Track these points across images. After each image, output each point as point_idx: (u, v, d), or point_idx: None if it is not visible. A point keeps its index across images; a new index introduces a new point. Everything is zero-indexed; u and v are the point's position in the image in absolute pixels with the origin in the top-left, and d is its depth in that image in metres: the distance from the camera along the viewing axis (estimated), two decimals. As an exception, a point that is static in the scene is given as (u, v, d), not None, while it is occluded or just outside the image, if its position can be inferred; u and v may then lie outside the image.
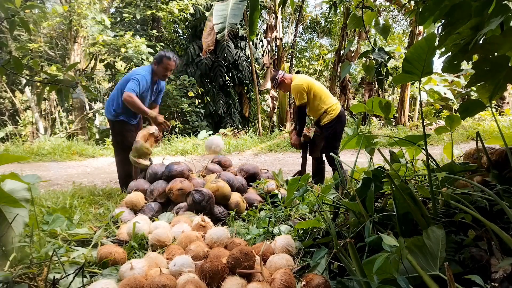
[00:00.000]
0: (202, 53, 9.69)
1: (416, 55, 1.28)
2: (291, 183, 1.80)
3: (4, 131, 10.15)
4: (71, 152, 7.79)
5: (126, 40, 9.45)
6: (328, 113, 3.73)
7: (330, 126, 3.72)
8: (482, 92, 1.53)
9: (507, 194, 1.38)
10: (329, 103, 3.76)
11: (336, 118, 3.71)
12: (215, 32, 7.81)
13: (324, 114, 3.74)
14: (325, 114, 3.74)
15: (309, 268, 1.65)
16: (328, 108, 3.73)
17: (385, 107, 1.83)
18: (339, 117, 3.72)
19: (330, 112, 3.73)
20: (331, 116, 3.71)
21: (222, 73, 11.73)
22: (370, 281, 1.08)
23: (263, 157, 7.57)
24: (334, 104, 3.77)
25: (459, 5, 1.45)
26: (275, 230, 2.10)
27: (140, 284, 1.46)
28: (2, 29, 8.88)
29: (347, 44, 11.31)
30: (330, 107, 3.74)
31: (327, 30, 16.84)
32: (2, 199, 1.43)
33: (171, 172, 2.98)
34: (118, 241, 2.16)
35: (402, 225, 1.38)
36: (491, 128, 8.90)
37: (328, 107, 3.74)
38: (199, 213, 2.52)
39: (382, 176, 1.49)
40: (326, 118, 3.74)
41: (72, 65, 2.72)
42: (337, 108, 3.75)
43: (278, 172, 3.55)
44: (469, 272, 1.11)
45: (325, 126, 3.76)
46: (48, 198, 3.13)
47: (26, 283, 1.40)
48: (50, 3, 11.23)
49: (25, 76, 3.05)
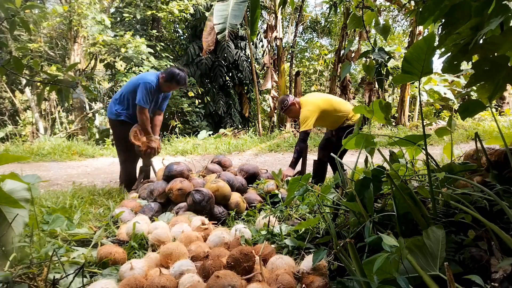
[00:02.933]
0: (202, 53, 9.69)
1: (415, 55, 1.28)
2: (292, 183, 1.80)
3: (4, 131, 10.14)
4: (71, 152, 7.79)
5: (126, 40, 9.45)
6: (349, 120, 3.66)
7: (345, 128, 3.60)
8: (482, 92, 1.53)
9: (507, 194, 1.38)
10: (347, 110, 3.66)
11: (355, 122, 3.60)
12: (215, 32, 7.81)
13: (346, 121, 3.66)
14: (347, 121, 3.65)
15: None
16: (349, 115, 3.66)
17: (385, 107, 1.83)
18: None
19: (350, 119, 3.65)
20: (353, 120, 3.63)
21: (222, 73, 11.73)
22: (370, 281, 1.08)
23: (263, 157, 7.57)
24: (351, 110, 3.67)
25: (459, 5, 1.45)
26: (275, 230, 2.10)
27: (140, 284, 1.46)
28: (2, 29, 8.88)
29: (347, 44, 11.31)
30: (350, 114, 3.65)
31: (327, 30, 16.84)
32: (2, 199, 1.43)
33: (171, 172, 2.98)
34: (118, 241, 2.15)
35: (402, 225, 1.38)
36: (491, 128, 8.90)
37: (349, 116, 3.66)
38: (199, 213, 2.52)
39: (382, 176, 1.49)
40: (347, 122, 3.65)
41: (72, 65, 2.72)
42: (355, 116, 3.67)
43: (278, 172, 3.55)
44: (469, 272, 1.11)
45: (343, 128, 3.63)
46: (48, 198, 3.13)
47: (26, 283, 1.40)
48: (50, 3, 11.25)
49: (25, 76, 3.06)
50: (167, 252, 1.76)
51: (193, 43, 11.53)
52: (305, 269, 1.58)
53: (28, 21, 1.72)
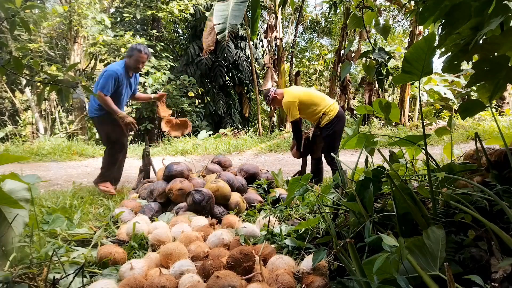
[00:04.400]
0: (202, 53, 9.68)
1: (415, 55, 1.28)
2: (292, 183, 1.80)
3: (4, 131, 10.14)
4: (71, 152, 7.79)
5: (126, 40, 9.45)
6: (326, 114, 3.75)
7: (329, 126, 3.74)
8: (482, 92, 1.53)
9: (507, 194, 1.38)
10: (325, 105, 3.78)
11: (335, 118, 3.73)
12: (215, 32, 7.81)
13: (323, 116, 3.76)
14: (324, 115, 3.76)
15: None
16: (326, 109, 3.76)
17: (385, 107, 1.83)
18: (337, 117, 3.75)
19: (328, 113, 3.75)
20: (329, 116, 3.74)
21: (222, 73, 11.72)
22: (370, 281, 1.08)
23: (263, 157, 7.57)
24: (331, 105, 3.79)
25: (459, 5, 1.45)
26: (275, 230, 2.10)
27: (140, 284, 1.46)
28: (2, 29, 8.88)
29: (347, 44, 11.32)
30: (327, 109, 3.76)
31: (327, 30, 16.83)
32: (2, 199, 1.43)
33: (171, 172, 2.98)
34: (118, 241, 2.15)
35: (402, 225, 1.38)
36: (491, 128, 8.89)
37: (325, 109, 3.76)
38: (199, 213, 2.52)
39: (382, 176, 1.49)
40: (325, 119, 3.76)
41: (73, 65, 2.71)
42: (335, 109, 3.78)
43: (278, 172, 3.55)
44: (469, 272, 1.11)
45: (324, 126, 3.78)
46: (48, 198, 3.13)
47: (26, 283, 1.40)
48: (50, 3, 11.24)
49: (25, 76, 3.06)
50: (167, 252, 1.76)
51: (193, 43, 11.52)
52: (305, 269, 1.58)
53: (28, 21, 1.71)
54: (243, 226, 2.18)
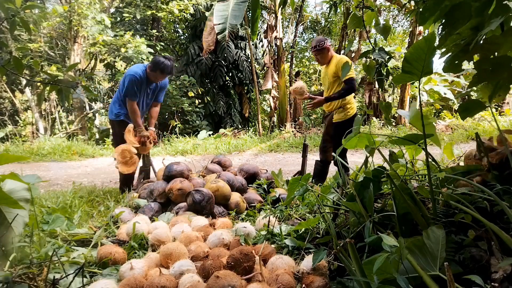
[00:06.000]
0: (202, 53, 9.68)
1: (415, 55, 1.28)
2: (292, 183, 1.80)
3: (4, 131, 10.14)
4: (71, 152, 7.79)
5: (126, 40, 9.44)
6: (345, 110, 3.41)
7: (341, 125, 3.41)
8: (485, 92, 1.53)
9: (507, 194, 1.38)
10: (350, 98, 3.40)
11: (351, 118, 3.40)
12: (215, 32, 7.81)
13: (341, 110, 3.43)
14: (341, 109, 3.42)
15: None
16: (347, 104, 3.41)
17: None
18: (353, 118, 3.39)
19: (347, 109, 3.42)
20: (347, 114, 3.41)
21: (222, 73, 11.72)
22: (370, 281, 1.08)
23: (263, 157, 7.57)
24: (353, 103, 3.47)
25: (459, 5, 1.45)
26: (275, 230, 2.10)
27: (140, 284, 1.46)
28: (2, 29, 8.88)
29: (347, 44, 11.33)
30: (349, 104, 3.42)
31: (327, 30, 16.83)
32: (2, 199, 1.43)
33: (171, 172, 2.98)
34: (118, 241, 2.15)
35: (402, 225, 1.38)
36: (491, 128, 8.89)
37: (347, 103, 3.41)
38: (199, 213, 2.52)
39: (382, 176, 1.49)
40: (341, 115, 3.44)
41: (73, 66, 2.72)
42: (355, 108, 3.46)
43: (278, 172, 3.55)
44: (469, 272, 1.11)
45: (337, 124, 3.46)
46: (48, 198, 3.13)
47: (26, 283, 1.40)
48: (50, 3, 11.24)
49: (25, 76, 3.06)
50: (167, 252, 1.76)
51: (193, 43, 11.52)
52: (305, 269, 1.58)
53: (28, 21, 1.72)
54: (243, 226, 2.18)
